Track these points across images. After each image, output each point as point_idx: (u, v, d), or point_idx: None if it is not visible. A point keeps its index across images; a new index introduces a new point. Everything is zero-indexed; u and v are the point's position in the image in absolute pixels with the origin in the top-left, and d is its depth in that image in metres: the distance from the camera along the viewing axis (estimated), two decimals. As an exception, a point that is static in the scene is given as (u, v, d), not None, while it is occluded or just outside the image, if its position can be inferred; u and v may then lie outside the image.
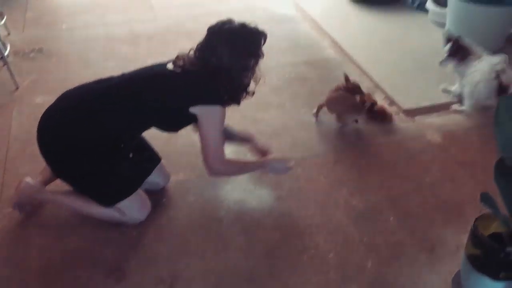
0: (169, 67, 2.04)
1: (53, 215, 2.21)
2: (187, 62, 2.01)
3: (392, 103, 3.00)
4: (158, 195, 2.31)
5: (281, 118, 2.88)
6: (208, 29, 2.02)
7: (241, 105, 2.14)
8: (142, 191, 2.15)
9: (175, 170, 2.44)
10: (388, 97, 3.04)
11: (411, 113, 2.88)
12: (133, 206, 2.10)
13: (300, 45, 3.68)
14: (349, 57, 3.49)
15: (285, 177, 2.40)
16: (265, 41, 2.05)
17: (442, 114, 2.92)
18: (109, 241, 2.08)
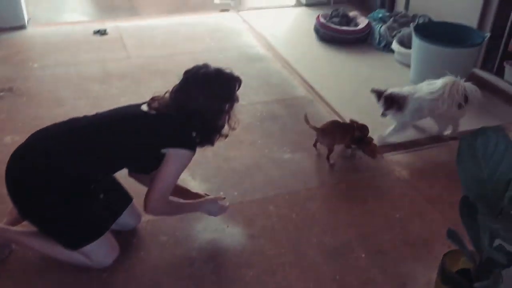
0: (144, 108, 2.05)
1: (17, 258, 2.14)
2: (162, 105, 2.03)
3: (362, 140, 3.07)
4: (129, 236, 2.27)
5: (253, 156, 2.90)
6: (184, 73, 2.06)
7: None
8: (110, 234, 2.10)
9: (147, 210, 2.42)
10: (357, 135, 3.12)
11: (380, 150, 2.95)
12: (100, 250, 2.05)
13: (272, 83, 3.76)
14: (319, 95, 3.59)
15: (257, 215, 2.41)
16: (240, 86, 2.09)
17: (409, 151, 3.01)
18: (78, 286, 2.02)
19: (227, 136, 2.17)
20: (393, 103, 2.91)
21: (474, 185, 1.61)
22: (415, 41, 3.70)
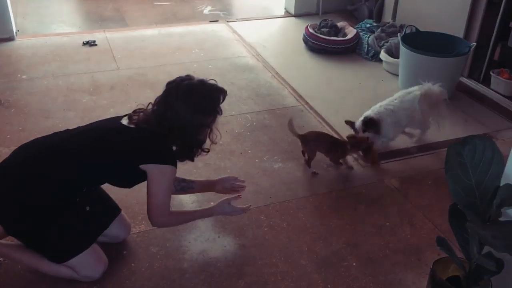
0: (124, 122, 2.02)
1: (7, 271, 2.11)
2: (142, 118, 1.99)
3: (351, 149, 3.09)
4: (119, 247, 2.26)
5: (243, 166, 2.90)
6: (167, 84, 2.01)
7: (203, 154, 2.16)
8: (98, 247, 2.09)
9: (137, 221, 2.41)
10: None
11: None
12: (87, 264, 2.02)
13: (261, 93, 3.77)
14: (309, 105, 3.60)
15: (248, 225, 2.41)
16: (224, 98, 2.04)
17: (399, 160, 3.03)
18: (67, 298, 2.00)
19: (209, 151, 2.14)
20: (372, 126, 2.93)
21: (462, 192, 1.63)
22: (403, 51, 3.75)
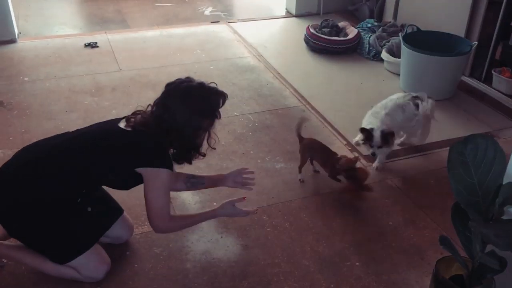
0: (121, 125, 2.01)
1: (10, 272, 2.12)
2: (139, 120, 1.98)
3: (353, 149, 3.09)
4: (122, 248, 2.26)
5: (246, 166, 2.90)
6: (166, 86, 1.99)
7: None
8: (100, 248, 2.09)
9: (140, 222, 2.41)
10: (348, 144, 3.14)
11: (372, 158, 2.97)
12: (89, 264, 2.02)
13: (263, 94, 3.77)
14: (311, 105, 3.61)
15: (251, 225, 2.41)
16: (224, 102, 2.01)
17: (401, 159, 3.03)
18: (71, 299, 2.01)
19: (205, 156, 2.12)
20: (388, 138, 2.79)
21: (465, 191, 1.63)
22: (404, 50, 3.75)
